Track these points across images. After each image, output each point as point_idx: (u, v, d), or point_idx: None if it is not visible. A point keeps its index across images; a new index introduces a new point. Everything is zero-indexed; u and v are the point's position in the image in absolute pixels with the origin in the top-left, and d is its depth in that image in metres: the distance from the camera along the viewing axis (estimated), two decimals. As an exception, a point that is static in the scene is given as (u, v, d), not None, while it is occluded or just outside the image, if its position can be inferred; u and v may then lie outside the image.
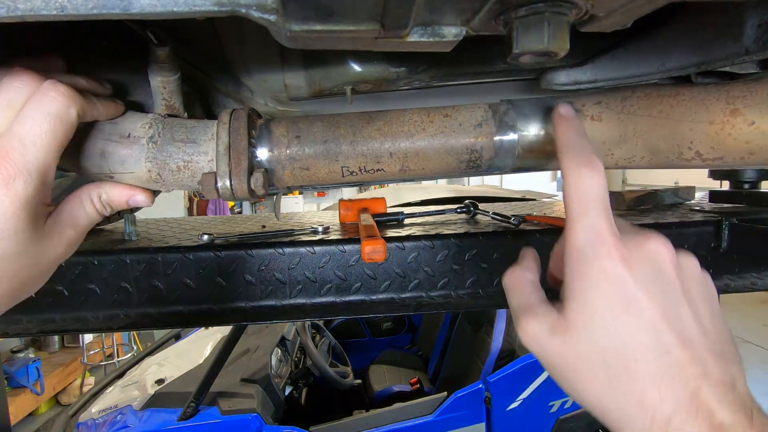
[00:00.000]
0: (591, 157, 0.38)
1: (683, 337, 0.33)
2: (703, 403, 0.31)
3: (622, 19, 0.40)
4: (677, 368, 0.32)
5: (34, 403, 3.98)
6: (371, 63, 0.64)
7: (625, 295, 0.34)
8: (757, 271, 0.89)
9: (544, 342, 0.37)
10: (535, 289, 0.41)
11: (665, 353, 0.32)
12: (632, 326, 0.33)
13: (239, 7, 0.34)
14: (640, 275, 0.34)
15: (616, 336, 0.33)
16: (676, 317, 0.33)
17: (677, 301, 0.34)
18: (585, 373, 0.35)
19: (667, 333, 0.33)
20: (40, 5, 0.32)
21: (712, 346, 0.34)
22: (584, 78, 0.63)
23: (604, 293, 0.34)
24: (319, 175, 0.53)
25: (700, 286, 0.36)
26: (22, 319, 0.79)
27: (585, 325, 0.35)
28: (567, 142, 0.40)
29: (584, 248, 0.35)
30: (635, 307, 0.33)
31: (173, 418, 1.90)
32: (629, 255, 0.34)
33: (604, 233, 0.35)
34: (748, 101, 0.48)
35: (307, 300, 0.81)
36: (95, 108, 0.43)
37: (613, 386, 0.33)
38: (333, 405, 2.63)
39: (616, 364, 0.33)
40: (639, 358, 0.33)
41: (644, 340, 0.33)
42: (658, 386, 0.32)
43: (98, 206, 0.46)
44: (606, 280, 0.34)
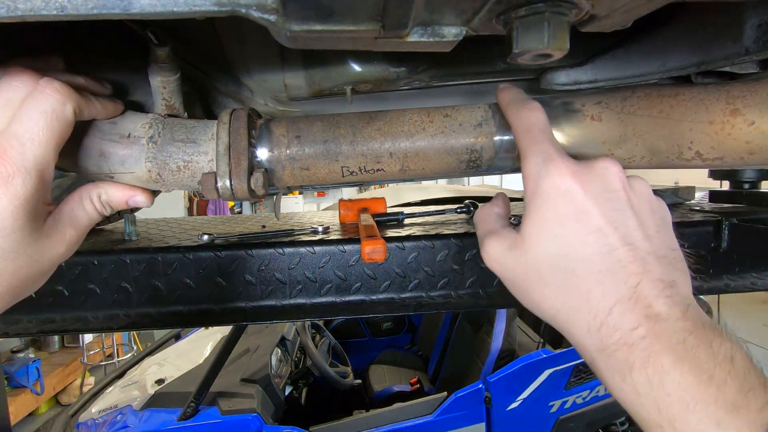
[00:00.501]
0: (528, 101, 0.43)
1: (627, 239, 0.35)
2: (642, 296, 0.33)
3: (622, 19, 0.40)
4: (619, 265, 0.35)
5: (34, 403, 3.98)
6: (371, 63, 0.64)
7: (575, 205, 0.36)
8: (757, 271, 0.89)
9: (503, 259, 0.40)
10: (500, 219, 0.45)
11: (609, 253, 0.35)
12: (580, 231, 0.36)
13: (239, 7, 0.34)
14: (588, 187, 0.37)
15: (565, 242, 0.36)
16: (621, 223, 0.36)
17: (623, 210, 0.37)
18: (538, 281, 0.38)
19: (611, 235, 0.35)
20: (40, 5, 0.32)
21: (655, 249, 0.36)
22: (584, 78, 0.63)
23: (554, 206, 0.37)
24: (319, 175, 0.53)
25: (648, 202, 0.39)
26: (22, 319, 0.79)
27: (538, 236, 0.38)
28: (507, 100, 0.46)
29: (537, 172, 0.39)
30: (583, 215, 0.36)
31: (173, 418, 1.90)
32: (578, 171, 0.37)
33: (553, 154, 0.38)
34: (748, 101, 0.48)
35: (307, 300, 0.81)
36: (93, 106, 0.43)
37: (562, 289, 0.36)
38: (333, 405, 2.63)
39: (565, 268, 0.36)
40: (585, 259, 0.36)
41: (590, 241, 0.36)
42: (601, 282, 0.35)
43: (98, 206, 0.46)
44: (557, 194, 0.37)
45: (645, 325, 0.33)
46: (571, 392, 2.28)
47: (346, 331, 3.60)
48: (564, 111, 0.55)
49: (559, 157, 0.38)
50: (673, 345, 0.32)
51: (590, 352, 0.35)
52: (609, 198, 0.37)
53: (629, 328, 0.33)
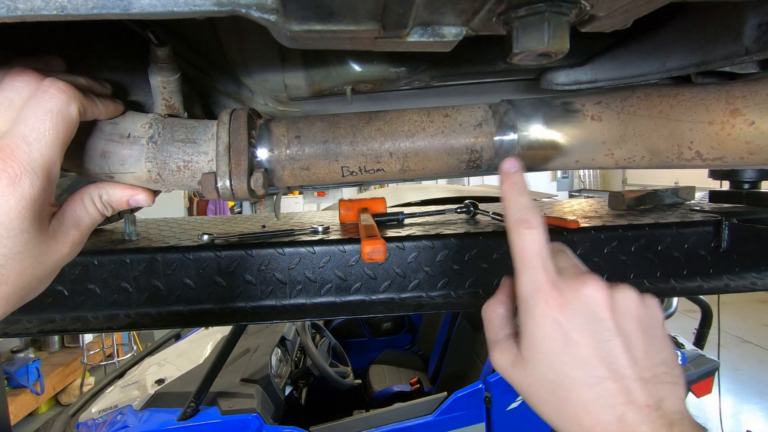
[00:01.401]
0: (527, 214, 0.44)
1: (613, 371, 0.39)
2: (628, 423, 0.37)
3: (623, 19, 0.40)
4: (606, 397, 0.38)
5: (34, 403, 3.98)
6: (371, 63, 0.64)
7: (563, 337, 0.40)
8: (757, 271, 0.89)
9: (508, 372, 0.45)
10: (504, 324, 0.48)
11: (596, 385, 0.38)
12: (569, 363, 0.39)
13: (239, 7, 0.34)
14: (574, 320, 0.40)
15: (557, 372, 0.40)
16: (607, 353, 0.39)
17: (609, 338, 0.39)
18: (539, 398, 0.42)
19: (598, 368, 0.39)
20: (40, 5, 0.32)
21: (641, 373, 0.39)
22: (584, 78, 0.63)
23: (544, 335, 0.41)
24: (319, 175, 0.53)
25: (634, 319, 0.41)
26: (22, 319, 0.79)
27: (533, 361, 0.42)
28: (508, 200, 0.46)
29: (527, 297, 0.42)
30: (571, 348, 0.39)
31: (173, 418, 1.90)
32: (564, 302, 0.40)
33: (542, 284, 0.41)
34: (748, 101, 0.48)
35: (307, 300, 0.81)
36: (95, 106, 0.43)
37: (559, 411, 0.41)
38: (333, 405, 2.63)
39: (559, 394, 0.40)
40: (575, 389, 0.39)
41: (579, 375, 0.39)
42: (591, 412, 0.38)
43: (99, 206, 0.46)
44: (546, 325, 0.40)
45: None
46: (571, 392, 2.27)
47: (346, 331, 3.60)
48: (564, 111, 0.55)
49: (549, 288, 0.41)
50: None
51: None
52: (595, 329, 0.39)
53: None
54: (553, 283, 0.41)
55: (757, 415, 3.80)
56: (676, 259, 0.86)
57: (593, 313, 0.40)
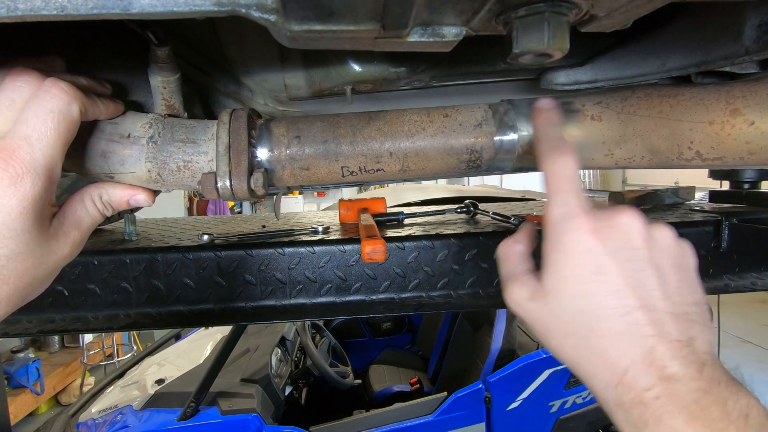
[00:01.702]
0: (561, 144, 0.43)
1: (644, 301, 0.36)
2: (657, 358, 0.34)
3: (622, 19, 0.40)
4: (636, 327, 0.36)
5: (34, 403, 3.98)
6: (371, 63, 0.64)
7: (594, 263, 0.37)
8: (757, 271, 0.89)
9: (525, 306, 0.42)
10: (522, 260, 0.46)
11: (626, 314, 0.36)
12: (598, 291, 0.37)
13: (239, 7, 0.34)
14: (608, 245, 0.37)
15: (584, 300, 0.38)
16: (639, 283, 0.37)
17: (642, 268, 0.37)
18: (559, 332, 0.39)
19: (629, 297, 0.36)
20: (40, 5, 0.32)
21: (673, 308, 0.37)
22: (584, 78, 0.63)
23: (574, 262, 0.38)
24: (319, 175, 0.53)
25: (669, 255, 0.39)
26: (22, 319, 0.79)
27: (558, 291, 0.39)
28: (541, 131, 0.45)
29: (558, 222, 0.40)
30: (602, 274, 0.37)
31: (173, 418, 1.90)
32: (598, 227, 0.38)
33: (575, 207, 0.39)
34: (748, 101, 0.48)
35: (307, 300, 0.81)
36: (96, 106, 0.43)
37: (581, 344, 0.38)
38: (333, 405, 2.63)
39: (584, 325, 0.37)
40: (603, 319, 0.37)
41: (608, 303, 0.37)
42: (618, 343, 0.36)
43: (100, 206, 0.46)
44: (577, 250, 0.38)
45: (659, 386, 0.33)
46: (571, 392, 2.28)
47: (346, 331, 3.60)
48: (564, 111, 0.55)
49: (582, 211, 0.39)
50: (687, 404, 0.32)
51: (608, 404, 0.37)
52: (628, 257, 0.37)
53: (644, 388, 0.34)
54: (586, 208, 0.39)
55: (757, 415, 3.79)
56: (676, 259, 0.85)
57: (628, 240, 0.38)
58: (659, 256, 0.39)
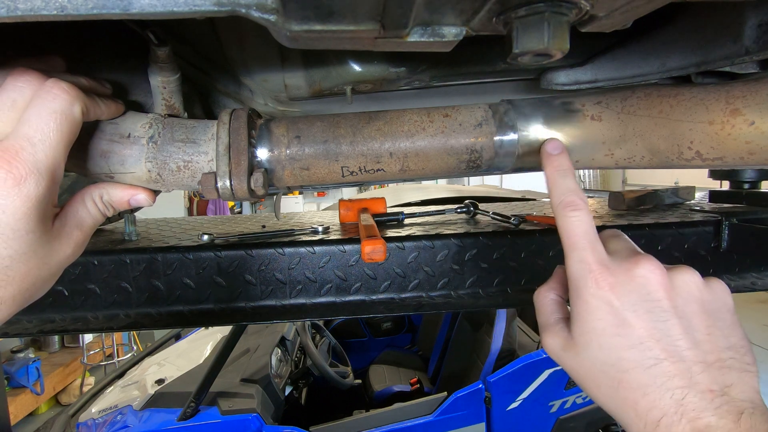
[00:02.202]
0: (573, 197, 0.43)
1: (670, 351, 0.36)
2: (689, 409, 0.34)
3: (623, 19, 0.40)
4: (663, 379, 0.36)
5: (34, 403, 3.98)
6: (371, 63, 0.64)
7: (615, 317, 0.38)
8: (757, 271, 0.89)
9: (559, 356, 0.44)
10: (556, 309, 0.47)
11: (653, 366, 0.36)
12: (622, 344, 0.38)
13: (239, 7, 0.34)
14: (626, 299, 0.38)
15: (610, 353, 0.38)
16: (663, 334, 0.37)
17: (665, 319, 0.37)
18: (592, 382, 0.40)
19: (654, 348, 0.37)
20: (40, 5, 0.32)
21: (704, 357, 0.36)
22: (584, 78, 0.63)
23: (596, 317, 0.39)
24: (319, 175, 0.53)
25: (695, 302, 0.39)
26: (22, 319, 0.79)
27: (586, 344, 0.40)
28: (553, 182, 0.46)
29: (577, 279, 0.41)
30: (624, 327, 0.38)
31: (173, 418, 1.90)
32: (616, 282, 0.39)
33: (591, 264, 0.40)
34: (748, 101, 0.48)
35: (307, 300, 0.81)
36: (98, 107, 0.43)
37: (613, 395, 0.38)
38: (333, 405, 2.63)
39: (613, 377, 0.38)
40: (629, 372, 0.37)
41: (633, 356, 0.37)
42: (647, 395, 0.36)
43: (101, 207, 0.46)
44: (597, 306, 0.39)
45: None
46: (571, 392, 2.28)
47: (346, 331, 3.60)
48: (564, 111, 0.55)
49: (598, 267, 0.40)
50: None
51: None
52: (649, 309, 0.38)
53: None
54: (603, 263, 0.40)
55: (757, 415, 3.79)
56: (677, 259, 0.86)
57: (647, 293, 0.38)
58: (683, 304, 0.38)
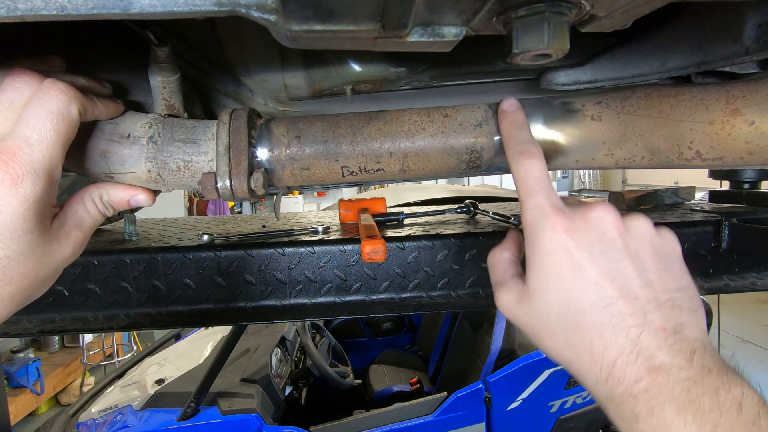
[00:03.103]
0: (527, 146, 0.44)
1: (624, 290, 0.36)
2: (644, 347, 0.34)
3: (623, 19, 0.40)
4: (619, 318, 0.36)
5: (34, 403, 3.98)
6: (371, 63, 0.64)
7: (571, 260, 0.38)
8: (757, 271, 0.89)
9: (514, 310, 0.43)
10: (509, 266, 0.47)
11: (607, 306, 0.36)
12: (578, 286, 0.37)
13: (239, 7, 0.34)
14: (582, 241, 0.38)
15: (566, 296, 0.38)
16: (618, 274, 0.37)
17: (619, 259, 0.38)
18: (547, 332, 0.40)
19: (608, 288, 0.36)
20: (40, 5, 0.32)
21: (656, 295, 0.37)
22: (584, 78, 0.63)
23: (552, 261, 0.39)
24: (319, 175, 0.53)
25: (647, 244, 0.39)
26: (22, 319, 0.79)
27: (541, 290, 0.40)
28: (508, 135, 0.47)
29: (533, 224, 0.40)
30: (579, 270, 0.37)
31: (173, 418, 1.90)
32: (572, 225, 0.39)
33: (546, 208, 0.40)
34: (748, 101, 0.48)
35: (307, 300, 0.81)
36: (96, 107, 0.43)
37: (568, 340, 0.38)
38: (333, 405, 2.63)
39: (569, 321, 0.38)
40: (585, 312, 0.37)
41: (589, 296, 0.37)
42: (603, 336, 0.36)
43: (100, 207, 0.46)
44: (553, 249, 0.39)
45: (647, 377, 0.33)
46: (571, 392, 2.27)
47: (346, 331, 3.60)
48: (564, 111, 0.55)
49: (552, 211, 0.39)
50: (676, 395, 0.32)
51: (601, 400, 0.37)
52: (604, 249, 0.38)
53: (632, 380, 0.34)
54: (558, 207, 0.40)
55: (757, 415, 3.79)
56: (676, 259, 0.85)
57: (602, 233, 0.38)
58: (636, 245, 0.39)
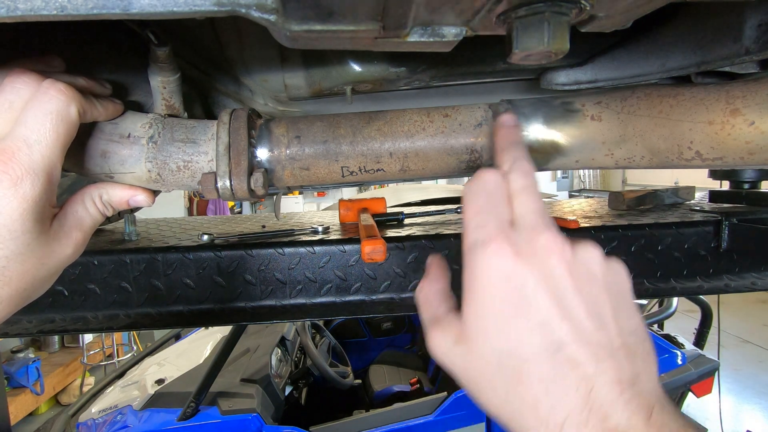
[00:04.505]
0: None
1: (576, 334, 0.31)
2: (597, 404, 0.29)
3: (623, 19, 0.40)
4: (567, 369, 0.30)
5: (34, 403, 3.97)
6: (371, 63, 0.64)
7: (514, 293, 0.32)
8: (757, 271, 0.89)
9: (449, 354, 0.35)
10: (442, 299, 0.40)
11: (556, 352, 0.30)
12: (522, 327, 0.31)
13: (239, 7, 0.34)
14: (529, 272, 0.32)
15: (509, 338, 0.32)
16: (567, 313, 0.31)
17: (569, 298, 0.32)
18: (486, 382, 0.33)
19: (557, 331, 0.31)
20: (40, 5, 0.32)
21: (611, 340, 0.31)
22: (584, 78, 0.63)
23: (492, 294, 0.33)
24: (319, 175, 0.53)
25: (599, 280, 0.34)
26: (22, 319, 0.79)
27: (482, 331, 0.33)
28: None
29: (473, 248, 0.34)
30: (524, 306, 0.31)
31: (173, 418, 1.90)
32: (519, 251, 0.33)
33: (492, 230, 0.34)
34: (748, 101, 0.48)
35: (307, 300, 0.81)
36: (95, 108, 0.43)
37: (509, 395, 0.32)
38: (333, 405, 2.62)
39: (511, 370, 0.31)
40: (530, 362, 0.31)
41: (535, 341, 0.31)
42: (550, 391, 0.30)
43: (100, 207, 0.46)
44: (495, 280, 0.32)
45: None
46: (571, 392, 2.27)
47: (346, 331, 3.60)
48: (564, 111, 0.55)
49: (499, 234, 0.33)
50: None
51: None
52: (552, 286, 0.32)
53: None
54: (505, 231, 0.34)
55: (757, 415, 3.79)
56: (676, 259, 0.86)
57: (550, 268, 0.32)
58: (587, 282, 0.33)
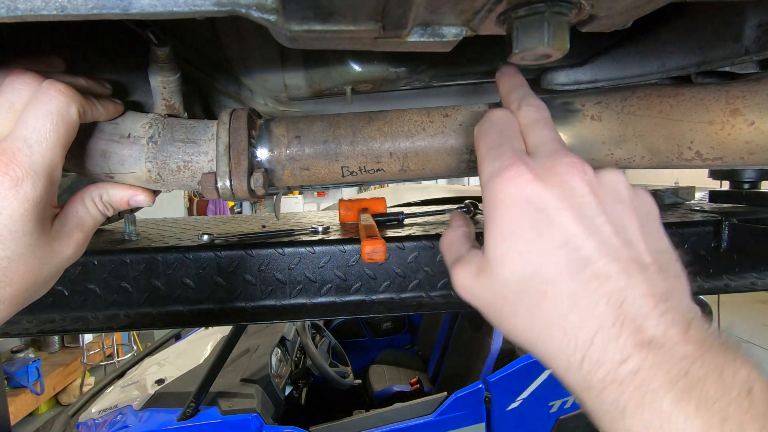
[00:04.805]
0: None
1: (604, 250, 0.29)
2: (629, 317, 0.27)
3: (623, 19, 0.40)
4: (597, 282, 0.28)
5: (34, 403, 3.98)
6: (371, 63, 0.64)
7: (537, 215, 0.30)
8: (757, 271, 0.89)
9: (472, 287, 0.34)
10: (465, 241, 0.39)
11: (583, 268, 0.29)
12: (545, 248, 0.30)
13: (239, 7, 0.34)
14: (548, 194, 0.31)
15: (531, 261, 0.30)
16: (594, 229, 0.30)
17: (593, 215, 0.30)
18: (508, 307, 0.32)
19: (584, 247, 0.29)
20: (40, 5, 0.32)
21: (640, 256, 0.30)
22: (584, 78, 0.63)
23: (514, 218, 0.31)
24: (319, 175, 0.53)
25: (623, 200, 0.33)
26: (22, 319, 0.79)
27: (502, 258, 0.32)
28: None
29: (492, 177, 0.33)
30: (547, 226, 0.30)
31: (173, 418, 1.90)
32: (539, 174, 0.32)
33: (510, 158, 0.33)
34: (748, 101, 0.48)
35: (307, 300, 0.81)
36: (95, 108, 0.43)
37: (534, 317, 0.30)
38: (333, 405, 2.63)
39: (535, 290, 0.30)
40: (554, 280, 0.29)
41: (559, 260, 0.29)
42: (577, 305, 0.28)
43: (100, 207, 0.46)
44: (516, 203, 0.31)
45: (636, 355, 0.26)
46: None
47: (346, 331, 3.60)
48: (564, 111, 0.55)
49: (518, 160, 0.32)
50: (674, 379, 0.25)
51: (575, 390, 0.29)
52: (576, 205, 0.30)
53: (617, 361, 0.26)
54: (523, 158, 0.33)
55: (757, 415, 3.79)
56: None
57: (571, 188, 0.31)
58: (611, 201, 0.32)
